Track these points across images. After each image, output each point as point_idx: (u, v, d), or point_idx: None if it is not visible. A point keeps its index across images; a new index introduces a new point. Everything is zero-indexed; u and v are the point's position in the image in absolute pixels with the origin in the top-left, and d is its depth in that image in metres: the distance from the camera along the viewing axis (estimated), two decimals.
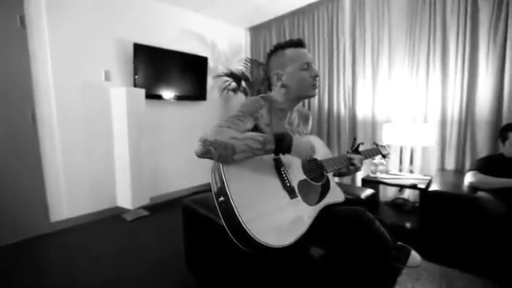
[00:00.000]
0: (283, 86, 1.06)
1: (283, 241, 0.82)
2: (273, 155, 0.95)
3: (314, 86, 1.06)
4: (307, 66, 1.04)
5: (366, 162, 1.55)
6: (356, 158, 1.16)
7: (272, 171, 0.94)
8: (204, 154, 0.83)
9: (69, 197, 2.37)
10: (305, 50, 1.07)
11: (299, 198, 0.95)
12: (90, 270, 1.70)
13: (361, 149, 1.28)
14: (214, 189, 0.88)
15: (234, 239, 0.83)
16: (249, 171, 0.88)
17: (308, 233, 0.91)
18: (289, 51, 1.05)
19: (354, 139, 1.32)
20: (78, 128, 2.40)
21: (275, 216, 0.86)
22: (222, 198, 0.83)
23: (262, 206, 0.85)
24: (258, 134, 0.88)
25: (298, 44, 1.06)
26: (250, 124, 0.96)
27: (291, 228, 0.87)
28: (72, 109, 2.34)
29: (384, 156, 1.43)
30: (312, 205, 0.98)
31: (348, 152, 1.24)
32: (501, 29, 1.90)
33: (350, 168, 1.17)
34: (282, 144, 0.88)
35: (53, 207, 2.28)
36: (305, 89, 1.06)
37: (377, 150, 1.40)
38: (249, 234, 0.76)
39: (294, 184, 0.97)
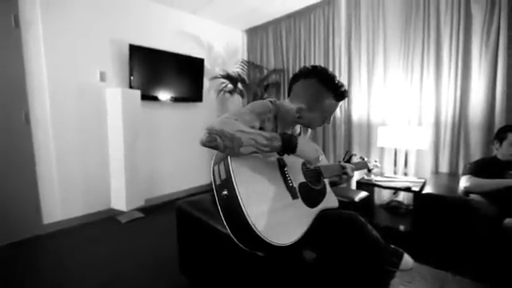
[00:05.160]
0: (300, 117, 1.03)
1: (286, 239, 0.81)
2: (276, 155, 0.94)
3: (317, 126, 1.09)
4: (329, 117, 1.05)
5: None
6: (348, 166, 1.21)
7: (276, 171, 0.94)
8: (209, 142, 0.79)
9: (62, 198, 2.34)
10: (341, 102, 1.05)
11: (300, 199, 0.96)
12: (83, 272, 1.68)
13: (353, 160, 1.37)
14: (217, 181, 0.85)
15: (234, 235, 0.81)
16: (254, 167, 0.87)
17: (302, 236, 0.91)
18: (327, 102, 0.99)
19: (347, 151, 1.38)
20: (73, 129, 2.38)
21: (279, 214, 0.86)
22: (225, 192, 0.80)
23: (267, 203, 0.84)
24: (264, 131, 0.87)
25: (341, 98, 1.02)
26: (256, 124, 0.95)
27: (293, 227, 0.87)
28: (66, 109, 2.33)
29: (369, 170, 1.48)
30: (311, 207, 0.99)
31: (340, 161, 1.28)
32: (493, 33, 1.92)
33: (343, 177, 1.21)
34: (289, 143, 0.86)
35: (46, 209, 2.25)
36: (311, 125, 1.09)
37: (364, 164, 1.46)
38: (254, 231, 0.75)
39: (296, 185, 0.98)
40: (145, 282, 1.57)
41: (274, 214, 0.84)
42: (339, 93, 0.99)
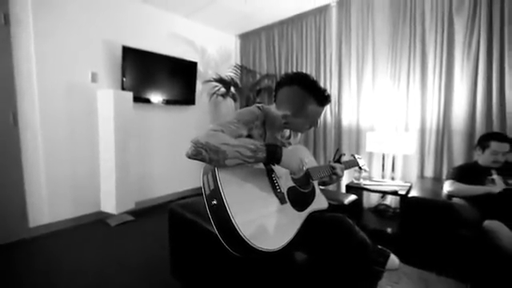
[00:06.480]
0: (287, 123, 1.07)
1: (274, 245, 0.84)
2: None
3: (305, 130, 1.12)
4: (316, 121, 1.09)
5: (349, 170, 1.63)
6: (338, 167, 1.21)
7: (263, 177, 0.97)
8: (195, 155, 0.82)
9: (50, 201, 2.29)
10: (325, 108, 1.08)
11: (288, 204, 0.98)
12: (71, 277, 1.65)
13: (343, 159, 1.36)
14: (206, 191, 0.87)
15: (224, 242, 0.83)
16: (242, 176, 0.90)
17: (293, 238, 0.94)
18: (311, 108, 1.03)
19: (337, 149, 1.39)
20: (62, 130, 2.34)
21: (267, 221, 0.88)
22: (214, 201, 0.83)
23: (254, 211, 0.86)
24: (249, 141, 0.89)
25: (325, 102, 1.05)
26: (244, 132, 0.97)
27: (281, 233, 0.89)
28: (56, 110, 2.29)
29: (360, 168, 1.50)
30: (300, 211, 1.01)
31: (330, 161, 1.29)
32: (474, 44, 2.03)
33: (333, 177, 1.22)
34: (274, 154, 0.89)
35: (32, 212, 2.20)
36: (299, 130, 1.14)
37: (355, 162, 1.48)
38: (242, 238, 0.77)
39: (284, 190, 1.00)
40: (136, 286, 1.56)
41: (262, 221, 0.86)
42: (322, 98, 1.03)
